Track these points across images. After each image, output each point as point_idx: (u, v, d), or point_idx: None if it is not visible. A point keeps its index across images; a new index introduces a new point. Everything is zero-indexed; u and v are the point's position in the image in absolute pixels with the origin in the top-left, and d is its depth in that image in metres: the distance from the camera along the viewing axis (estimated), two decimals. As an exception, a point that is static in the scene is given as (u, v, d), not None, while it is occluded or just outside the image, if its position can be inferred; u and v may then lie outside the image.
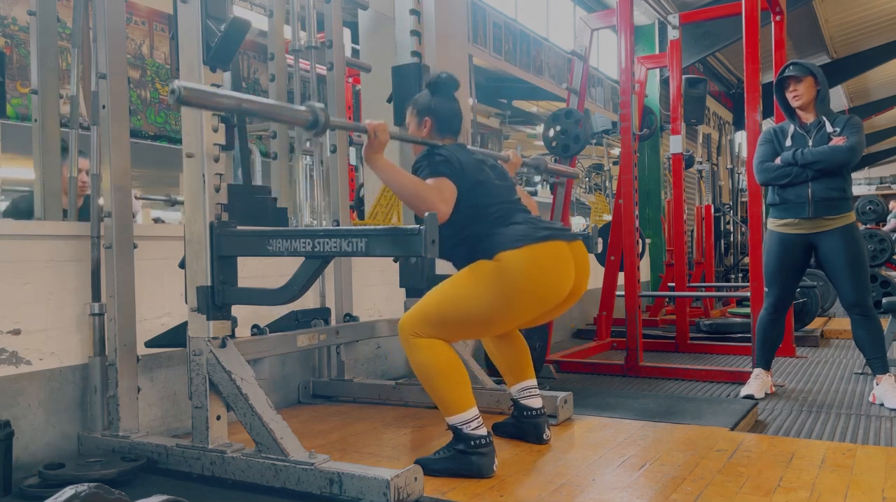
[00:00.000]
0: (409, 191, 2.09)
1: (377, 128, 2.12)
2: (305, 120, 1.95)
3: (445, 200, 2.11)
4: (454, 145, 2.33)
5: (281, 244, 2.06)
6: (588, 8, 8.66)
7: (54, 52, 2.81)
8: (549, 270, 2.14)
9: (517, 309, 2.15)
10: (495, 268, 2.11)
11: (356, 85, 5.83)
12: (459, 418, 2.11)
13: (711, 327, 5.71)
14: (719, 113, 12.99)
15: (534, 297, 2.14)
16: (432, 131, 2.38)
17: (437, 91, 2.41)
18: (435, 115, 2.37)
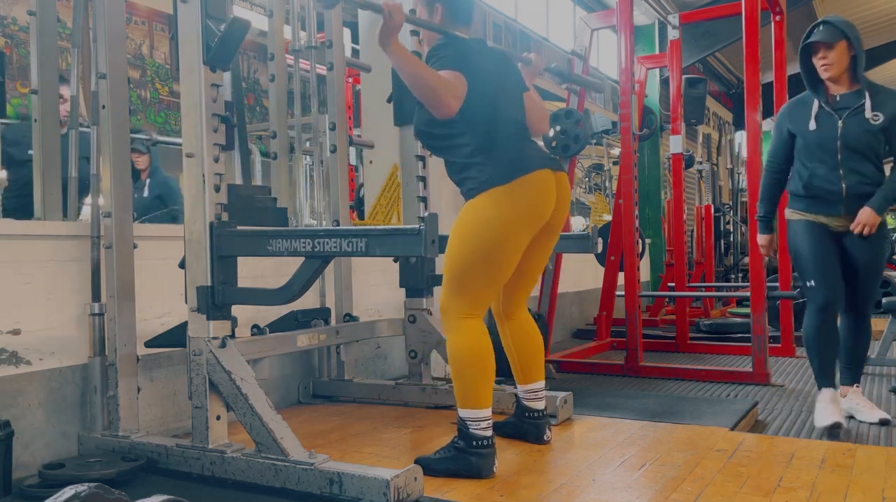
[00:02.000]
0: (421, 81, 2.04)
1: (393, 7, 2.04)
2: None
3: (457, 96, 2.07)
4: (473, 40, 2.26)
5: (281, 244, 2.06)
6: (588, 8, 8.66)
7: (54, 52, 2.81)
8: (532, 198, 2.14)
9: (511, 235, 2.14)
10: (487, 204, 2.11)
11: (356, 85, 5.83)
12: (472, 414, 2.11)
13: (711, 327, 5.71)
14: (719, 113, 12.99)
15: (521, 223, 2.14)
16: (444, 19, 2.29)
17: None
18: (446, 2, 2.29)
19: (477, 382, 2.11)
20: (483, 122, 2.18)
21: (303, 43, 3.41)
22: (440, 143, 2.24)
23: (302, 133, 3.66)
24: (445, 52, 2.16)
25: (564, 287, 5.57)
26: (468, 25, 2.33)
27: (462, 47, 2.17)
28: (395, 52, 2.06)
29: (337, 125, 3.28)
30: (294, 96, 3.58)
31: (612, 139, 9.17)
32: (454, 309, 2.15)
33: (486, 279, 2.20)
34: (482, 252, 2.12)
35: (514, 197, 2.11)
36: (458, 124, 2.16)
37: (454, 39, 2.20)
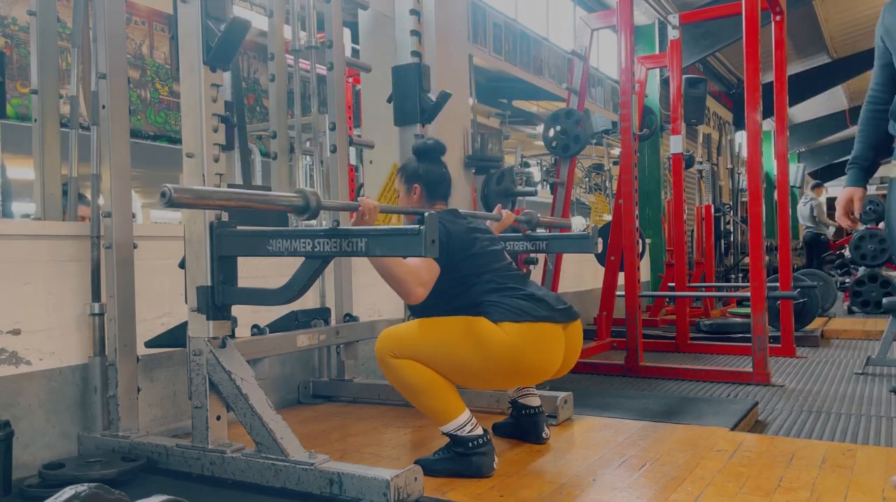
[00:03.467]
0: (388, 273, 2.10)
1: (368, 209, 2.13)
2: (297, 205, 1.95)
3: (423, 283, 2.12)
4: (445, 213, 2.33)
5: (281, 244, 2.05)
6: (588, 8, 8.66)
7: (54, 52, 2.81)
8: (541, 351, 2.15)
9: (499, 375, 2.16)
10: (496, 332, 2.11)
11: (356, 85, 5.83)
12: (452, 425, 2.12)
13: (711, 327, 5.71)
14: (719, 113, 12.99)
15: (517, 369, 2.16)
16: (422, 198, 2.41)
17: (424, 157, 2.44)
18: (423, 182, 2.40)
19: (437, 401, 2.13)
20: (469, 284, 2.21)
21: (303, 43, 3.41)
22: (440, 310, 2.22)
23: (302, 133, 3.65)
24: None
25: (564, 287, 5.57)
26: (445, 200, 2.44)
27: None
28: None
29: (337, 125, 3.28)
30: (294, 96, 3.58)
31: (612, 139, 9.18)
32: (390, 351, 2.16)
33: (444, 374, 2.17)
34: (463, 367, 2.13)
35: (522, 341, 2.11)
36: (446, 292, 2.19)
37: None
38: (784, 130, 5.10)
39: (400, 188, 2.47)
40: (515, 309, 2.14)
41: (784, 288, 4.91)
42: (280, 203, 1.99)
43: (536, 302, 2.18)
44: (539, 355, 2.15)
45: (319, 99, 3.41)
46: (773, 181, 10.83)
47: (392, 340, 2.18)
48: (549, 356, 2.18)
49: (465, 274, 2.23)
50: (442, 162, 2.47)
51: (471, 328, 2.14)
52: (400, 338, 2.17)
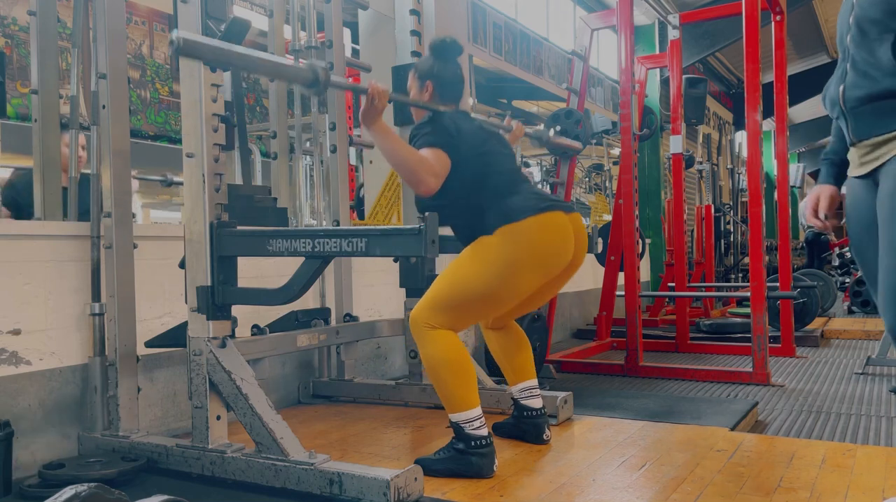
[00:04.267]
0: (400, 161, 2.07)
1: (377, 94, 2.06)
2: (306, 78, 1.92)
3: (436, 174, 2.09)
4: (456, 112, 2.29)
5: (281, 244, 2.06)
6: (588, 8, 8.65)
7: (54, 52, 2.81)
8: (550, 240, 2.14)
9: (521, 280, 2.13)
10: (497, 243, 2.10)
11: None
12: (463, 416, 2.11)
13: (711, 327, 5.72)
14: (719, 113, 12.99)
15: (536, 267, 2.13)
16: (434, 96, 2.33)
17: (440, 55, 2.35)
18: (437, 80, 2.32)
19: (459, 386, 2.11)
20: (479, 183, 2.20)
21: (303, 43, 3.41)
22: (444, 213, 2.21)
23: (302, 133, 3.66)
24: (428, 130, 2.18)
25: (564, 287, 5.57)
26: (457, 102, 2.37)
27: (446, 121, 2.19)
28: (377, 133, 2.09)
29: (337, 125, 3.28)
30: (294, 96, 3.58)
31: (612, 139, 9.18)
32: (425, 321, 2.13)
33: (479, 314, 2.21)
34: (486, 290, 2.11)
35: (527, 236, 2.10)
36: (456, 191, 2.17)
37: (437, 115, 2.22)
38: (784, 130, 5.10)
39: (412, 85, 2.39)
40: (514, 209, 2.11)
41: (784, 288, 4.91)
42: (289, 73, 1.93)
43: (534, 196, 2.16)
44: (546, 245, 2.12)
45: (319, 99, 3.41)
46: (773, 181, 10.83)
47: (424, 308, 2.14)
48: (558, 243, 2.16)
49: (474, 173, 2.19)
50: (457, 62, 2.38)
51: (476, 254, 2.12)
52: (429, 303, 2.14)
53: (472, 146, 2.22)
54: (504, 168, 2.27)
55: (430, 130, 2.17)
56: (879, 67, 1.61)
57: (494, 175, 2.22)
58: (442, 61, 2.35)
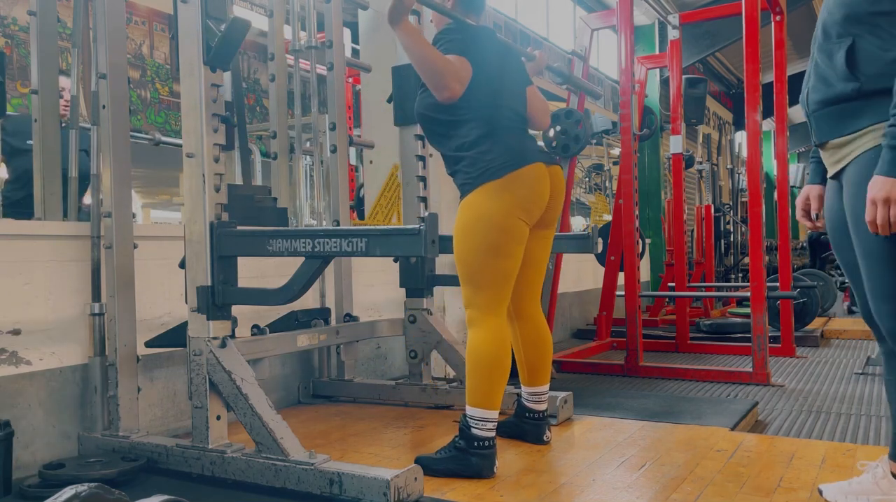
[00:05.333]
0: (427, 62, 2.05)
1: None
2: None
3: (461, 80, 2.08)
4: (482, 28, 2.28)
5: (281, 244, 2.06)
6: (588, 8, 8.65)
7: (54, 52, 2.81)
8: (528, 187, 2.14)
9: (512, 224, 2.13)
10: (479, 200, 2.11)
11: (356, 85, 5.83)
12: (479, 413, 2.10)
13: (711, 327, 5.72)
14: (719, 113, 12.99)
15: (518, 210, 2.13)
16: (456, 6, 2.31)
17: None
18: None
19: (492, 382, 2.10)
20: (485, 110, 2.18)
21: (303, 43, 3.41)
22: (440, 129, 2.23)
23: (302, 133, 3.65)
24: (454, 37, 2.17)
25: (564, 287, 5.58)
26: (479, 14, 2.35)
27: (470, 34, 2.18)
28: (404, 31, 2.07)
29: (337, 125, 3.28)
30: (294, 96, 3.58)
31: (612, 139, 9.18)
32: (477, 304, 2.14)
33: (498, 270, 2.20)
34: (487, 244, 2.12)
35: (508, 189, 2.11)
36: (461, 110, 2.16)
37: (463, 25, 2.20)
38: (784, 130, 5.10)
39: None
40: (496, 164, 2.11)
41: (784, 288, 4.91)
42: None
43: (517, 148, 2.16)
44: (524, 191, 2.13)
45: (319, 99, 3.41)
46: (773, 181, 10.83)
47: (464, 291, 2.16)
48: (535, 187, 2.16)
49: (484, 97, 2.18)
50: None
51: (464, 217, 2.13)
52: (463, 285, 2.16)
53: (490, 68, 2.20)
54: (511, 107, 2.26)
55: (455, 38, 2.15)
56: (835, 72, 1.66)
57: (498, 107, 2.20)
58: None
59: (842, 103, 1.64)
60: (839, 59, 1.65)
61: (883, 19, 1.56)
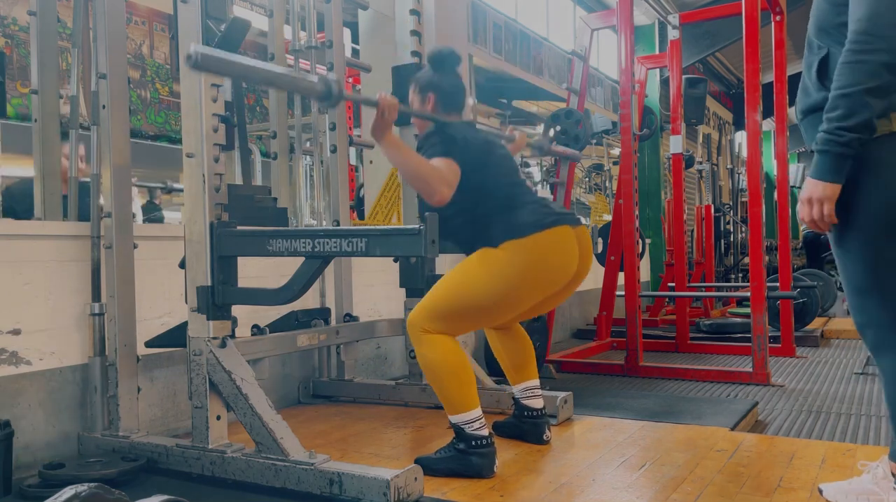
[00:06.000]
0: (413, 171, 2.07)
1: (388, 106, 2.07)
2: (319, 91, 1.92)
3: (449, 183, 2.09)
4: (461, 122, 2.30)
5: (281, 244, 2.06)
6: (588, 8, 8.65)
7: (54, 52, 2.81)
8: (554, 256, 2.14)
9: (523, 294, 2.15)
10: (502, 256, 2.10)
11: (356, 85, 5.84)
12: (463, 418, 2.11)
13: (711, 327, 5.72)
14: (719, 113, 13.00)
15: (538, 283, 2.14)
16: (436, 108, 2.34)
17: (440, 67, 2.36)
18: (438, 91, 2.33)
19: (458, 389, 2.11)
20: (484, 194, 2.20)
21: (303, 43, 3.41)
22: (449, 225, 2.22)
23: (302, 133, 3.65)
24: (435, 140, 2.18)
25: (564, 287, 5.56)
26: (461, 111, 2.38)
27: (450, 133, 2.19)
28: (388, 146, 2.09)
29: (337, 125, 3.28)
30: (294, 96, 3.58)
31: (612, 139, 9.18)
32: (422, 326, 2.14)
33: (476, 323, 2.22)
34: (485, 301, 2.12)
35: (531, 252, 2.10)
36: (462, 202, 2.17)
37: (443, 126, 2.22)
38: (784, 130, 5.10)
39: (413, 99, 2.39)
40: (520, 224, 2.12)
41: (784, 288, 4.91)
42: (302, 86, 1.93)
43: (541, 210, 2.16)
44: (550, 261, 2.13)
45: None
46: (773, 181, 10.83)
47: (422, 312, 2.15)
48: (562, 259, 2.16)
49: (480, 183, 2.20)
50: (457, 72, 2.39)
51: (480, 263, 2.12)
52: (427, 308, 2.14)
53: (478, 156, 2.23)
54: (509, 179, 2.28)
55: (437, 140, 2.18)
56: (811, 81, 1.74)
57: (500, 187, 2.23)
58: (441, 72, 2.36)
59: (817, 112, 1.71)
60: (813, 70, 1.73)
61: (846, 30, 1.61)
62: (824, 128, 1.60)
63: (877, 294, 1.67)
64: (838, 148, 1.58)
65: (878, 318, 1.69)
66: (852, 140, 1.56)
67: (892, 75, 1.54)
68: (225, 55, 1.77)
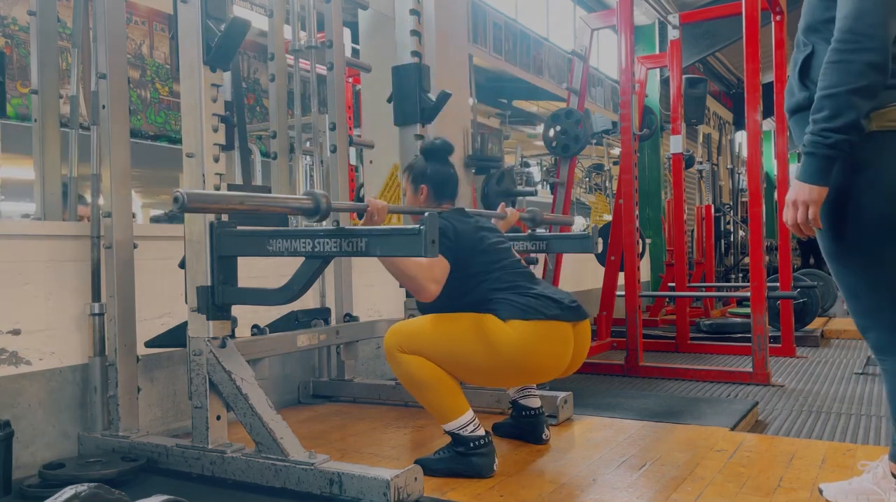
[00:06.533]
0: (400, 270, 2.09)
1: (376, 210, 2.15)
2: (308, 209, 1.95)
3: (436, 279, 2.11)
4: (452, 212, 2.34)
5: (281, 244, 2.05)
6: (588, 8, 8.66)
7: (54, 52, 2.81)
8: (549, 350, 2.14)
9: (508, 373, 2.16)
10: (505, 330, 2.10)
11: (356, 85, 5.84)
12: (455, 424, 2.12)
13: (711, 327, 5.72)
14: (719, 113, 13.00)
15: (526, 368, 2.15)
16: (429, 198, 2.41)
17: (432, 157, 2.44)
18: (430, 182, 2.40)
19: (442, 398, 2.12)
20: (480, 280, 2.21)
21: (303, 43, 3.41)
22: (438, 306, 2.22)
23: (302, 133, 3.65)
24: None
25: (564, 287, 5.56)
26: (452, 200, 2.44)
27: (442, 225, 2.19)
28: None
29: (337, 125, 3.28)
30: (294, 96, 3.58)
31: (612, 139, 9.18)
32: (398, 346, 2.15)
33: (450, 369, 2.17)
34: (471, 364, 2.12)
35: (531, 341, 2.10)
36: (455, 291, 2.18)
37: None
38: (784, 130, 5.10)
39: (407, 188, 2.46)
40: (525, 306, 2.12)
41: (784, 288, 4.91)
42: (291, 206, 1.99)
43: (546, 300, 2.16)
44: (547, 353, 2.14)
45: (319, 99, 3.41)
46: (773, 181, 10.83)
47: (400, 335, 2.16)
48: (558, 354, 2.17)
49: (474, 271, 2.22)
50: (449, 162, 2.46)
51: (479, 325, 2.12)
52: (408, 335, 2.16)
53: (471, 246, 2.25)
54: (502, 261, 2.29)
55: None
56: (794, 81, 1.74)
57: (493, 271, 2.24)
58: (434, 163, 2.42)
59: (801, 112, 1.70)
60: (796, 69, 1.72)
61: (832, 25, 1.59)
62: (810, 130, 1.58)
63: (874, 296, 1.66)
64: (824, 150, 1.56)
65: (878, 320, 1.68)
66: (839, 141, 1.54)
67: (878, 75, 1.52)
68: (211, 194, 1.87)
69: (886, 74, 1.53)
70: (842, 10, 1.56)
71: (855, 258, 1.66)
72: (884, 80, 1.53)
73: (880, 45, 1.50)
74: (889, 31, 1.52)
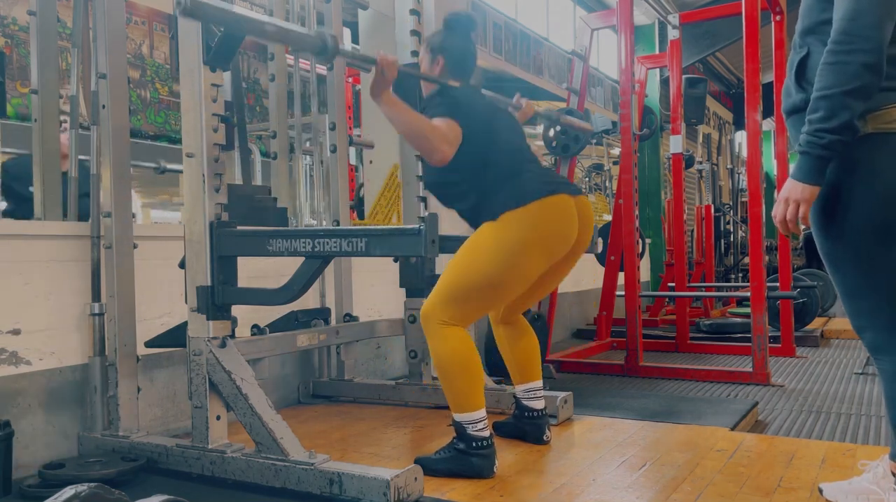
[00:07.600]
0: (414, 130, 2.05)
1: (386, 64, 2.05)
2: (315, 45, 1.90)
3: (450, 142, 2.07)
4: (467, 87, 2.29)
5: (281, 244, 2.06)
6: (588, 8, 8.66)
7: (54, 51, 2.81)
8: (553, 224, 2.13)
9: (527, 263, 2.12)
10: (501, 228, 2.09)
11: (356, 85, 5.84)
12: (468, 417, 2.10)
13: (711, 327, 5.72)
14: (719, 113, 13.00)
15: (541, 251, 2.13)
16: (445, 70, 2.32)
17: (454, 29, 2.35)
18: (448, 54, 2.32)
19: (467, 387, 2.10)
20: (488, 159, 2.19)
21: (303, 43, 3.40)
22: (455, 191, 2.22)
23: (302, 133, 3.65)
24: (438, 101, 2.18)
25: (564, 287, 5.57)
26: (468, 78, 2.36)
27: (454, 95, 2.19)
28: (386, 104, 2.08)
29: (337, 125, 3.28)
30: (294, 96, 3.58)
31: (612, 139, 9.18)
32: (437, 317, 2.11)
33: (489, 302, 2.20)
34: (493, 276, 2.10)
35: (531, 220, 2.09)
36: (465, 167, 2.16)
37: (447, 88, 2.22)
38: (784, 130, 5.10)
39: (423, 58, 2.38)
40: (519, 193, 2.10)
41: (784, 288, 4.91)
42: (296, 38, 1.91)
43: (539, 178, 2.15)
44: (550, 227, 2.12)
45: (319, 99, 3.41)
46: (773, 181, 10.83)
47: (433, 302, 2.12)
48: (563, 225, 2.15)
49: (485, 148, 2.18)
50: (470, 38, 2.38)
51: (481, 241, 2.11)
52: (438, 296, 2.12)
53: (482, 121, 2.20)
54: (512, 145, 2.26)
55: (441, 101, 2.17)
56: (791, 82, 1.74)
57: (503, 152, 2.21)
58: (454, 36, 2.34)
59: (798, 113, 1.71)
60: (793, 71, 1.72)
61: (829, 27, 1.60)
62: (806, 130, 1.59)
63: (870, 296, 1.67)
64: (818, 150, 1.57)
65: (874, 320, 1.69)
66: (833, 142, 1.55)
67: (872, 76, 1.52)
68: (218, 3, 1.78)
69: (881, 75, 1.53)
70: (838, 11, 1.57)
71: (850, 258, 1.67)
72: (878, 81, 1.54)
73: (875, 46, 1.51)
74: (884, 33, 1.52)
